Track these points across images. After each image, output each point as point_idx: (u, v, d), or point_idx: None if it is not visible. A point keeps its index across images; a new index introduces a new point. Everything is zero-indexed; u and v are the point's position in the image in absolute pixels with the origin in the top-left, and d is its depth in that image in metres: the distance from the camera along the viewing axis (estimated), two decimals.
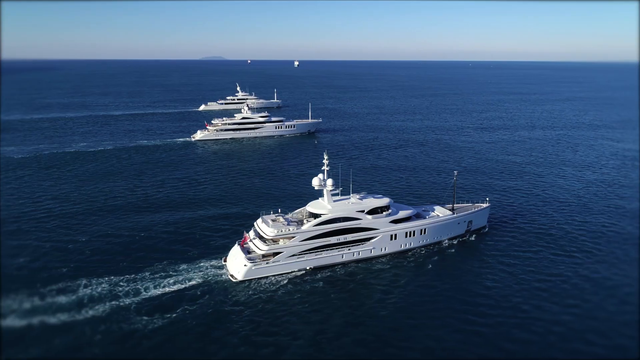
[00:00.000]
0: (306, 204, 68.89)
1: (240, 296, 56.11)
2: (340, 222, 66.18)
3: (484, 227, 79.58)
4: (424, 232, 71.42)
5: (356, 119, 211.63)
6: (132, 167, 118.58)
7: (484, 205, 79.67)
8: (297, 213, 69.97)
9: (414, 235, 70.70)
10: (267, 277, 62.08)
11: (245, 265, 61.44)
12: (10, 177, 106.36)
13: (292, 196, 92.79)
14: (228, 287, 58.46)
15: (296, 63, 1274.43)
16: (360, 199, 70.24)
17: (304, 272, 63.54)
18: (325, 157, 68.32)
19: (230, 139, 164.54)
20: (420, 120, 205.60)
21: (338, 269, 64.40)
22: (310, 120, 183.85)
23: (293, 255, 63.79)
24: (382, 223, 68.56)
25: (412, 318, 51.56)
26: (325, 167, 67.90)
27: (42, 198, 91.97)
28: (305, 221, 66.29)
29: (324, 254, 65.39)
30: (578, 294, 56.94)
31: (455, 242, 74.13)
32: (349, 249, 66.82)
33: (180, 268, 62.39)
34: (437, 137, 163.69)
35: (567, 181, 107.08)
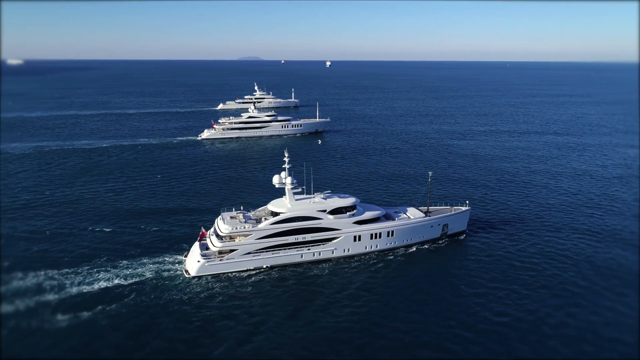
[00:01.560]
0: None
1: (183, 293, 55.93)
2: (299, 221, 65.16)
3: (463, 232, 76.52)
4: (392, 235, 69.25)
5: (366, 120, 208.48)
6: (118, 164, 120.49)
7: (464, 208, 76.53)
8: (260, 211, 69.35)
9: (380, 237, 68.69)
10: (221, 274, 61.82)
11: (198, 261, 61.42)
12: (2, 171, 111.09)
13: (271, 195, 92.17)
14: (178, 283, 58.46)
15: (328, 63, 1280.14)
16: (324, 198, 68.95)
17: (260, 270, 62.88)
18: (286, 154, 67.36)
19: (236, 137, 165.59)
20: (428, 123, 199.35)
21: (296, 269, 63.37)
22: (317, 119, 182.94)
23: (248, 253, 63.23)
24: (344, 223, 66.98)
25: (338, 321, 50.62)
26: (286, 165, 66.98)
27: (19, 191, 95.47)
28: (263, 219, 65.65)
29: (282, 253, 64.55)
30: (513, 304, 54.34)
31: (426, 246, 71.52)
32: (309, 249, 65.66)
33: (133, 263, 62.96)
34: (439, 141, 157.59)
35: (562, 189, 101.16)
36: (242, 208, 69.50)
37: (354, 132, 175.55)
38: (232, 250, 62.75)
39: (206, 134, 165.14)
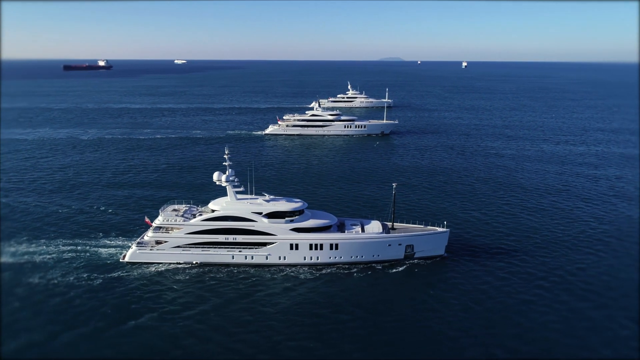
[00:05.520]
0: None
1: (100, 275, 57.90)
2: (231, 220, 62.86)
3: (438, 256, 65.47)
4: (335, 248, 62.50)
5: (441, 128, 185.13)
6: (148, 154, 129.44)
7: (440, 229, 65.51)
8: (207, 207, 68.66)
9: (321, 249, 62.54)
10: (150, 263, 62.73)
11: (131, 248, 63.58)
12: (58, 152, 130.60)
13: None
14: (104, 265, 60.95)
15: (464, 64, 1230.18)
16: (268, 200, 65.29)
17: (189, 265, 62.38)
18: (226, 151, 65.33)
19: (297, 135, 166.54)
20: (505, 138, 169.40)
21: (225, 270, 61.18)
22: (384, 121, 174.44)
23: (178, 247, 63.19)
24: (280, 229, 62.60)
25: (217, 331, 47.54)
26: (226, 163, 65.00)
27: (50, 167, 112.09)
28: (198, 215, 64.96)
29: (212, 251, 63.14)
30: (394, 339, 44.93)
31: (379, 266, 62.52)
32: (240, 251, 62.99)
33: (88, 242, 68.01)
34: (496, 163, 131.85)
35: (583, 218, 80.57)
36: (191, 202, 69.89)
37: (417, 140, 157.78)
38: (164, 242, 63.65)
39: (270, 129, 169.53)
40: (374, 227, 65.85)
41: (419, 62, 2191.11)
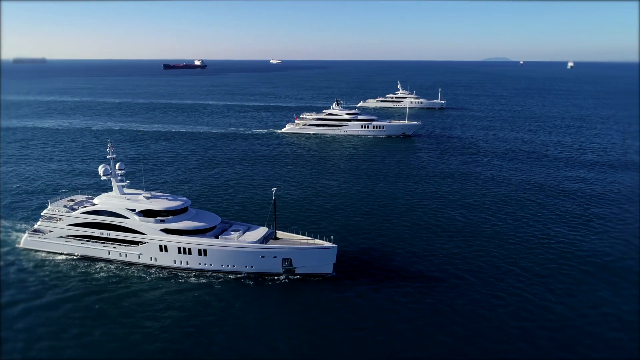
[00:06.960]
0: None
1: None
2: (107, 215, 61.87)
3: (325, 274, 58.14)
4: (204, 254, 58.38)
5: (463, 137, 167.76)
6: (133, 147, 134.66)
7: (325, 244, 58.06)
8: None
9: (189, 253, 58.89)
10: (38, 250, 64.39)
11: (25, 234, 65.70)
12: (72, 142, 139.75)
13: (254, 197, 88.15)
14: None
15: (570, 64, 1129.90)
16: (149, 197, 63.02)
17: (72, 257, 62.79)
18: (109, 144, 64.09)
19: (313, 134, 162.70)
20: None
21: (104, 266, 60.48)
22: (405, 122, 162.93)
23: (61, 237, 63.88)
24: (150, 228, 60.14)
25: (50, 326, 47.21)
26: (109, 156, 63.81)
27: (49, 157, 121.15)
28: (81, 207, 64.89)
29: (90, 245, 62.84)
30: None
31: (241, 279, 57.01)
32: (115, 247, 61.78)
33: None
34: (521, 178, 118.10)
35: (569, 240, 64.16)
36: (91, 194, 70.19)
37: (430, 145, 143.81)
38: (50, 231, 64.71)
39: (287, 128, 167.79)
40: (255, 234, 60.29)
41: (521, 62, 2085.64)
